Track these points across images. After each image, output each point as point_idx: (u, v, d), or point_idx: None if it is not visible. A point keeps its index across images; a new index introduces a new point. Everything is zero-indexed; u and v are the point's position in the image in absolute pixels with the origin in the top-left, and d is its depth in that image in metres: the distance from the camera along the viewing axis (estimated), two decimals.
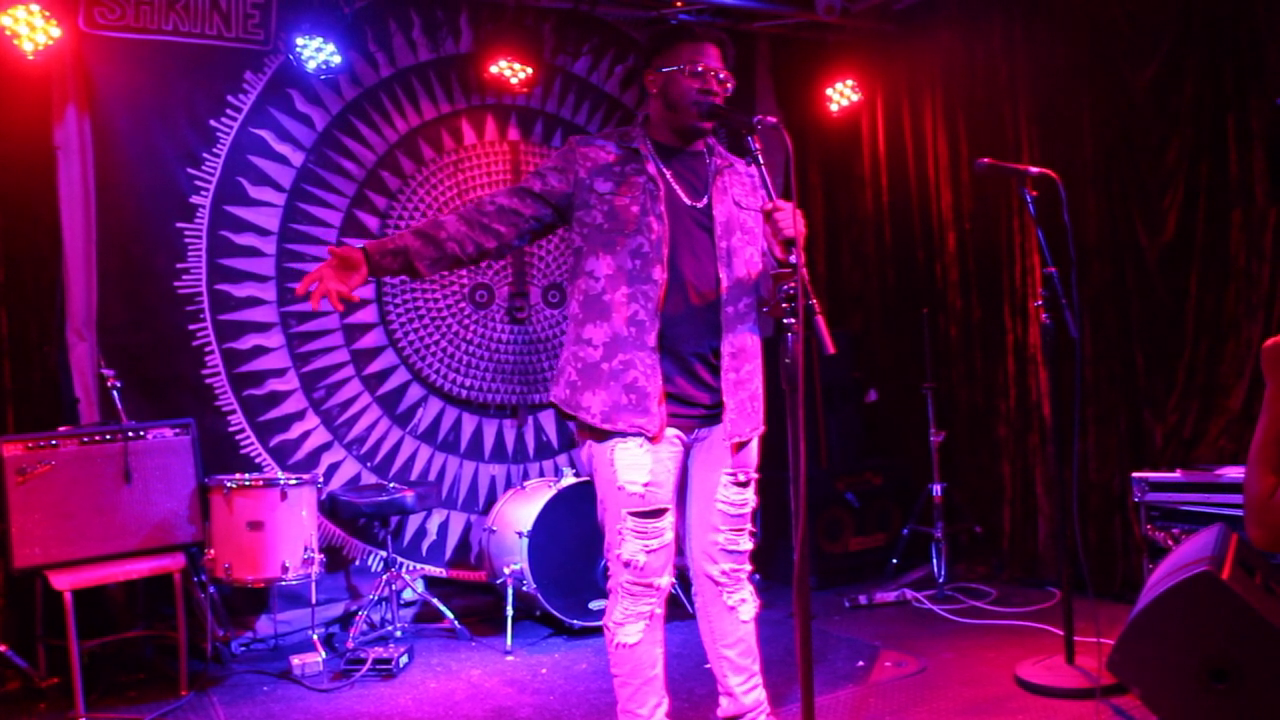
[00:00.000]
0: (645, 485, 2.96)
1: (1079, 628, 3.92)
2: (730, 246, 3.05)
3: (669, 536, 3.02)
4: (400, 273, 2.94)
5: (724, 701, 3.23)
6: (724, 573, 3.14)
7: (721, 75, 3.02)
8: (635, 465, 2.96)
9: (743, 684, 3.19)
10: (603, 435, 3.00)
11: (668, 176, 3.05)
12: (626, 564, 2.98)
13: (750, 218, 3.13)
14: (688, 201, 3.05)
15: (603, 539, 3.09)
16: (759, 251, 3.14)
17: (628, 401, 2.95)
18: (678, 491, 3.12)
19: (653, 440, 2.98)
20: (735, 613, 3.16)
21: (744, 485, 3.13)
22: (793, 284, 2.58)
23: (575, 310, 3.06)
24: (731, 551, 3.13)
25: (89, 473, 4.30)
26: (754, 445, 3.18)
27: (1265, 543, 2.09)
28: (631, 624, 3.00)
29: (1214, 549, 3.09)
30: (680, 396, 3.03)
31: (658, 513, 2.98)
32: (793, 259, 2.65)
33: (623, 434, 2.97)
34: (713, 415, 3.08)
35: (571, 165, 3.04)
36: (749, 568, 3.20)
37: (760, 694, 3.22)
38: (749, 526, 3.18)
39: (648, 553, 2.97)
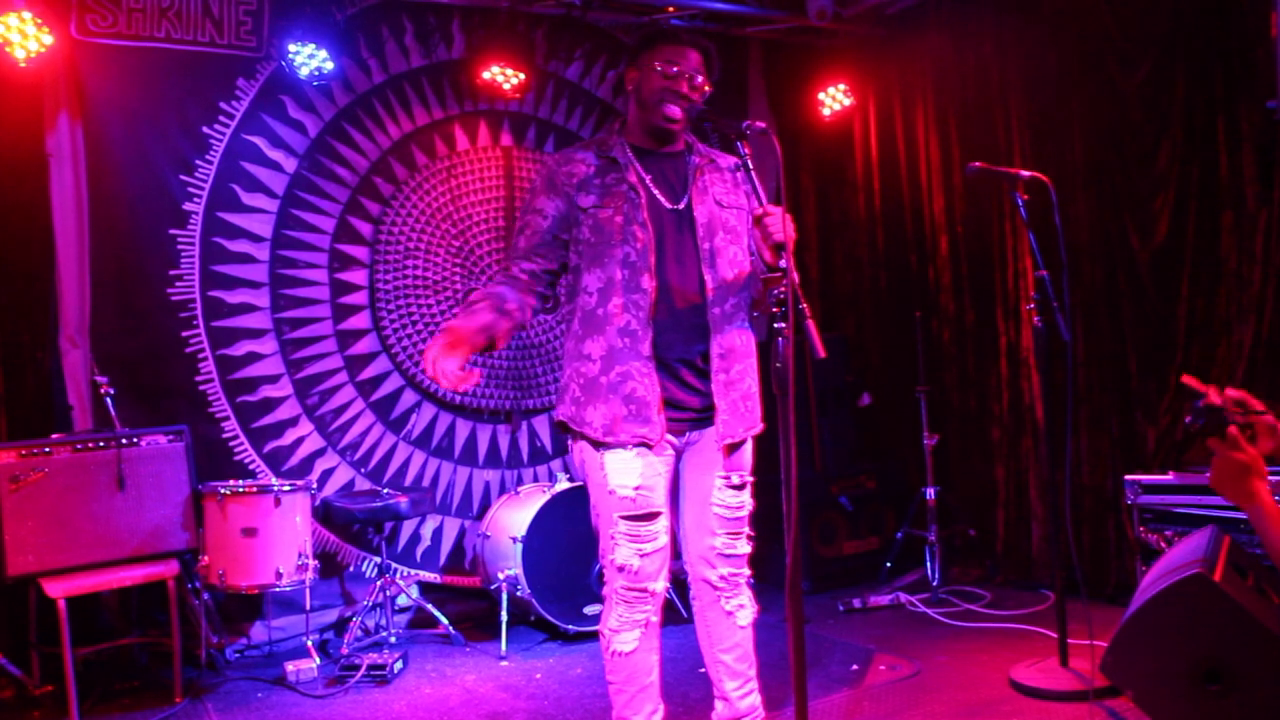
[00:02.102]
0: (636, 489, 2.96)
1: (1073, 630, 3.93)
2: (713, 247, 3.05)
3: (663, 540, 3.02)
4: (483, 348, 2.94)
5: (719, 706, 3.23)
6: (722, 578, 3.13)
7: (697, 80, 3.02)
8: (625, 470, 2.97)
9: (738, 689, 3.19)
10: (596, 444, 3.01)
11: (647, 182, 3.05)
12: (620, 569, 2.98)
13: (733, 216, 3.12)
14: (668, 205, 3.05)
15: (597, 544, 3.09)
16: (744, 250, 3.13)
17: (627, 412, 2.96)
18: (671, 496, 3.12)
19: (652, 448, 2.98)
20: (733, 618, 3.15)
21: (739, 488, 3.12)
22: (783, 288, 2.59)
23: (575, 327, 3.07)
24: (729, 556, 3.12)
25: (82, 480, 4.29)
26: (748, 447, 3.16)
27: None
28: (627, 631, 3.01)
29: (1206, 551, 3.10)
30: (671, 402, 3.03)
31: (650, 516, 2.99)
32: (783, 264, 2.66)
33: (623, 445, 2.97)
34: (703, 418, 3.07)
35: (558, 185, 3.04)
36: (748, 572, 3.19)
37: (755, 699, 3.22)
38: (746, 530, 3.17)
39: (641, 557, 2.97)
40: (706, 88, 3.06)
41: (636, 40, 3.14)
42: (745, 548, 3.16)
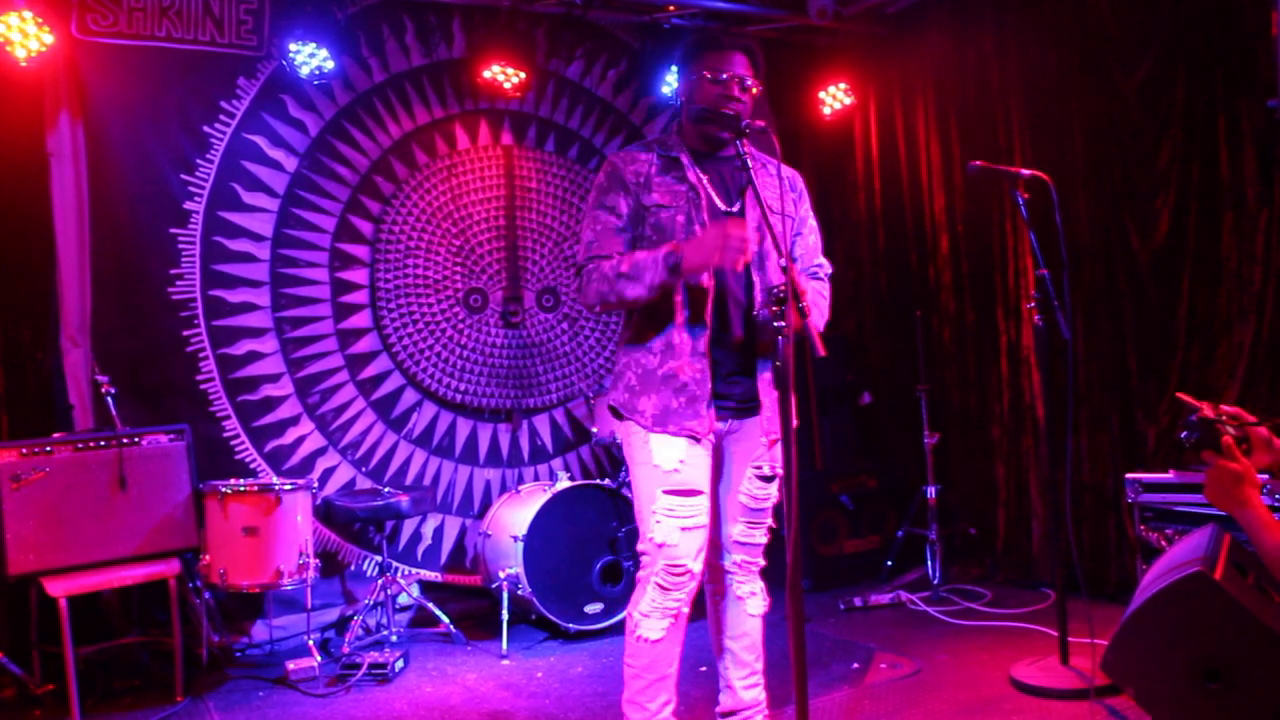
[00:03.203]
0: (680, 462, 3.01)
1: (1073, 629, 3.93)
2: (762, 250, 3.11)
3: (703, 520, 3.05)
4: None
5: (723, 696, 3.27)
6: (736, 563, 3.20)
7: (747, 82, 3.08)
8: (670, 446, 3.02)
9: (743, 679, 3.22)
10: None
11: (704, 183, 3.10)
12: (660, 545, 3.00)
13: (777, 220, 3.16)
14: (723, 207, 3.10)
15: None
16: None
17: (678, 405, 3.02)
18: (713, 483, 3.16)
19: (699, 440, 3.05)
20: (743, 604, 3.21)
21: (769, 480, 3.18)
22: (783, 287, 2.61)
23: (636, 318, 3.13)
24: (743, 544, 3.19)
25: (84, 479, 4.30)
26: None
27: None
28: (657, 619, 3.02)
29: (1207, 549, 3.10)
30: (718, 394, 3.08)
31: (692, 492, 3.02)
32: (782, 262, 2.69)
33: (672, 436, 3.02)
34: (744, 409, 3.13)
35: (627, 182, 3.06)
36: (763, 561, 3.24)
37: (760, 693, 3.24)
38: (768, 521, 3.22)
39: (682, 530, 2.99)
40: (755, 89, 3.12)
41: (683, 50, 3.19)
42: (762, 538, 3.22)
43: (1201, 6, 4.52)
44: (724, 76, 3.05)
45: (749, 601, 3.21)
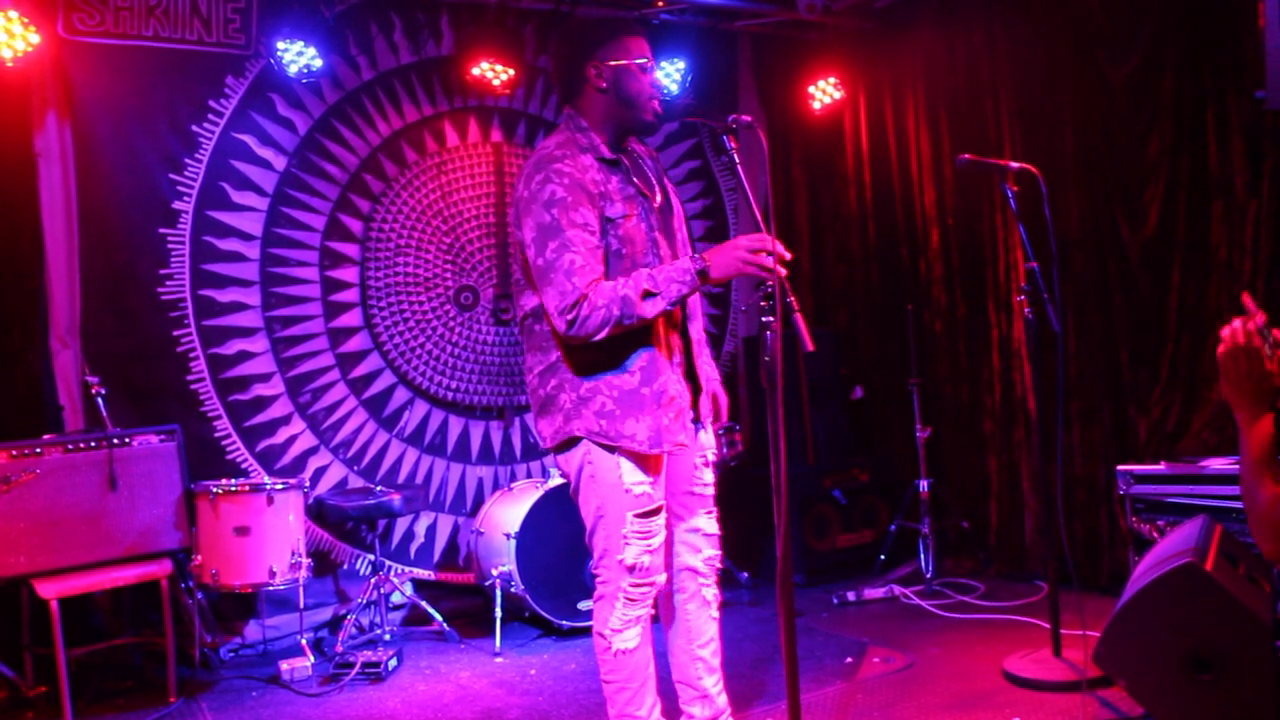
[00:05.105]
0: (652, 484, 2.95)
1: (1065, 621, 3.94)
2: (683, 236, 3.12)
3: (664, 534, 3.02)
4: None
5: (697, 708, 3.18)
6: (706, 560, 3.16)
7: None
8: (639, 467, 2.94)
9: (715, 684, 3.17)
10: (613, 448, 2.91)
11: (638, 184, 2.99)
12: (631, 568, 2.93)
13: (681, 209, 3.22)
14: (653, 203, 3.02)
15: (591, 547, 3.05)
16: None
17: (668, 422, 2.92)
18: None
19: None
20: (709, 608, 3.18)
21: (709, 465, 3.19)
22: (771, 283, 2.60)
23: (601, 341, 2.88)
24: (710, 535, 3.17)
25: (74, 480, 4.28)
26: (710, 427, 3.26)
27: (1278, 554, 1.98)
28: (631, 629, 2.97)
29: (1198, 540, 3.11)
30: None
31: (658, 510, 2.98)
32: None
33: (665, 454, 2.96)
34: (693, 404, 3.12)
35: (589, 193, 2.83)
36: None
37: (724, 694, 3.23)
38: (715, 508, 3.23)
39: (650, 553, 2.95)
40: None
41: (591, 30, 2.99)
42: (716, 526, 3.21)
43: None
44: (651, 66, 2.95)
45: (714, 604, 3.17)
